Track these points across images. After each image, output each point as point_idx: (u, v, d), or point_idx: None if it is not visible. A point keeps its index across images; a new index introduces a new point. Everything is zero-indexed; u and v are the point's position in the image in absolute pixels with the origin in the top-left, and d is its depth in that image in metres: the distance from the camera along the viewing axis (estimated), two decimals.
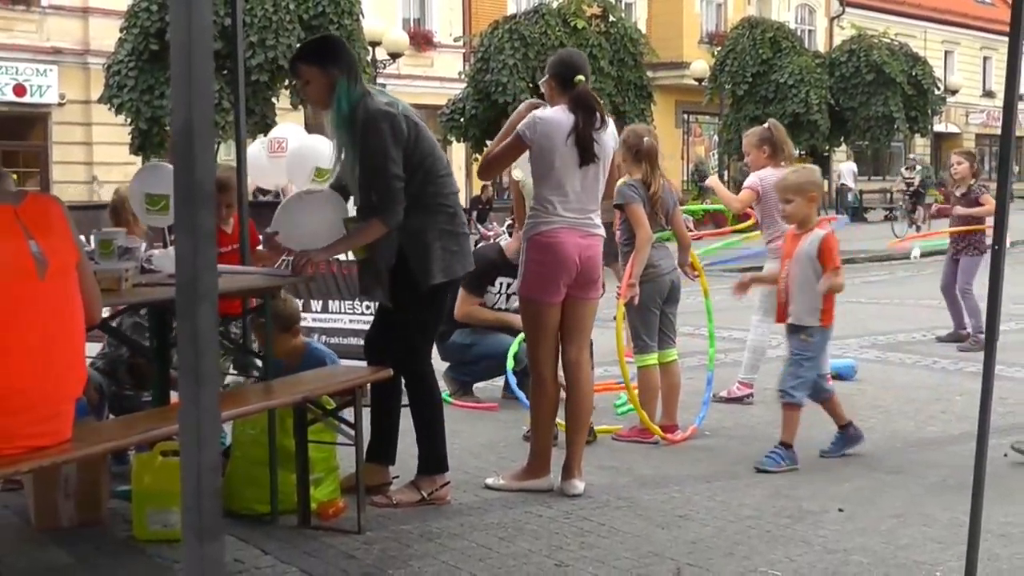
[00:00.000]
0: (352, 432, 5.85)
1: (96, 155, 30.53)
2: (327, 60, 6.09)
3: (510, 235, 11.19)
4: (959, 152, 12.80)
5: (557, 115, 6.43)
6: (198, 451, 2.21)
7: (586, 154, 6.37)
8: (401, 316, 6.31)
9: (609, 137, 6.59)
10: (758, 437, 8.06)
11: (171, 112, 2.28)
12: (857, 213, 44.09)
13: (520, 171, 7.79)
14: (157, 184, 6.41)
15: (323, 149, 9.48)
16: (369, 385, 6.35)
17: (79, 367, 4.47)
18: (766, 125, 9.44)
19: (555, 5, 25.47)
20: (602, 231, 6.63)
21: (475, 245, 29.71)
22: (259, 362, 6.50)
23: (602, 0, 26.14)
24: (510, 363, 8.82)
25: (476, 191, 34.92)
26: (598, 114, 6.44)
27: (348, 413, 5.96)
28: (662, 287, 8.04)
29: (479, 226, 30.65)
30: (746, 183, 9.42)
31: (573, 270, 6.45)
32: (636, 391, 8.00)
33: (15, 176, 29.03)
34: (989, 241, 12.01)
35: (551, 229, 6.41)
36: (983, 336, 11.55)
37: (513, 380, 8.80)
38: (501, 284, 9.14)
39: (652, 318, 8.04)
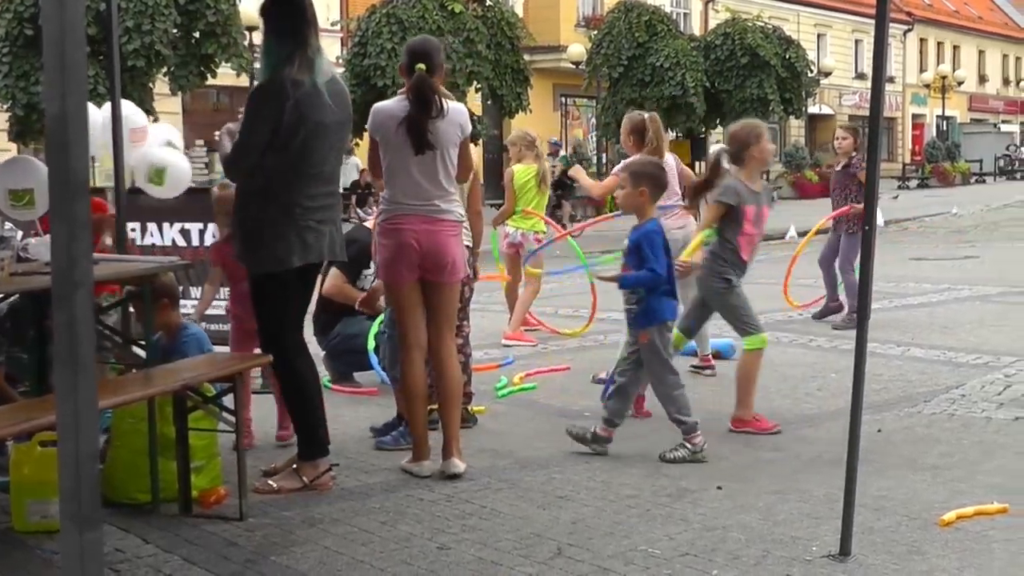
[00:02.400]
0: (233, 419, 5.83)
1: None
2: (262, 16, 6.30)
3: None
4: (844, 127, 13.03)
5: (392, 104, 6.60)
6: (76, 439, 2.20)
7: (419, 142, 6.44)
8: (255, 299, 6.35)
9: (448, 124, 6.57)
10: (638, 417, 8.15)
11: (44, 103, 2.27)
12: None
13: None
14: (19, 179, 6.31)
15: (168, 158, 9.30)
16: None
17: None
18: (642, 115, 9.59)
19: None
20: (452, 215, 6.67)
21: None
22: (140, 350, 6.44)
23: None
24: (370, 343, 8.84)
25: (355, 175, 34.75)
26: (435, 102, 6.46)
27: (229, 400, 5.94)
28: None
29: (358, 211, 30.54)
30: (614, 170, 9.64)
31: (413, 254, 6.57)
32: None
33: None
34: None
35: (390, 216, 6.60)
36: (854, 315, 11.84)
37: (374, 358, 8.81)
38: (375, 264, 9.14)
39: (745, 300, 8.01)
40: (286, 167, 6.08)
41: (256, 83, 6.14)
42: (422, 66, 6.47)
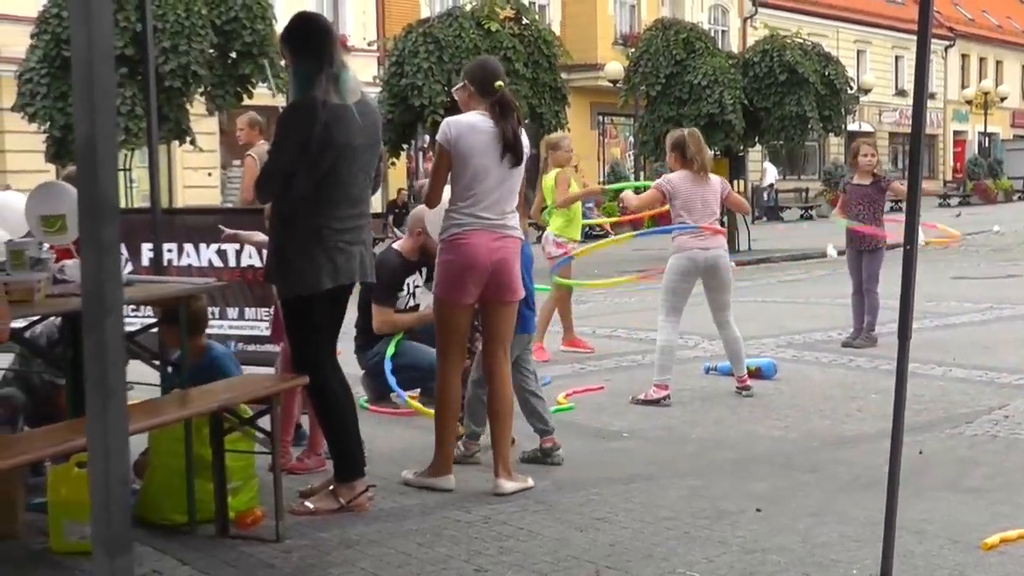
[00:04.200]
0: (269, 440, 5.83)
1: (9, 163, 30.05)
2: (286, 41, 6.29)
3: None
4: (866, 142, 12.79)
5: (472, 119, 6.57)
6: (106, 464, 2.19)
7: (515, 157, 6.53)
8: (287, 322, 6.35)
9: (525, 140, 6.69)
10: (675, 438, 8.14)
11: (74, 125, 2.26)
12: (774, 212, 44.59)
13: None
14: (51, 205, 6.32)
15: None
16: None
17: None
18: (683, 131, 9.63)
19: (468, 8, 25.40)
20: (518, 233, 6.71)
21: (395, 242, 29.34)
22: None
23: (515, 3, 26.10)
24: (390, 351, 8.83)
25: (392, 195, 34.86)
26: (519, 118, 6.63)
27: (265, 422, 5.94)
28: None
29: (396, 230, 30.61)
30: (653, 183, 9.69)
31: (484, 272, 6.56)
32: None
33: None
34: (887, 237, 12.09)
35: (463, 231, 6.54)
36: (874, 333, 11.74)
37: (392, 379, 8.82)
38: (408, 285, 9.13)
39: None
40: (315, 189, 6.07)
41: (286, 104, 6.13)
42: (501, 84, 6.56)
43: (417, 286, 9.19)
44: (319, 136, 5.97)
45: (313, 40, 6.16)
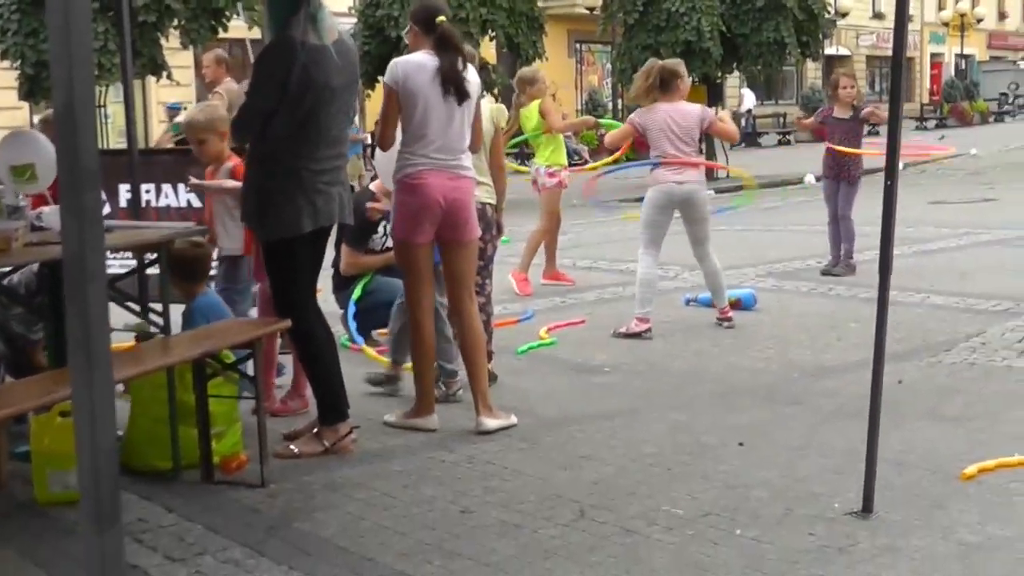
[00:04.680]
0: (252, 385, 5.84)
1: None
2: None
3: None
4: (846, 73, 12.76)
5: (419, 58, 6.55)
6: (91, 434, 2.19)
7: (458, 93, 6.48)
8: (268, 266, 6.32)
9: (473, 76, 6.66)
10: (657, 372, 8.17)
11: (52, 91, 2.24)
12: (751, 138, 44.50)
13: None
14: (19, 154, 6.25)
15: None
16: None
17: None
18: (652, 63, 9.62)
19: None
20: (471, 172, 6.73)
21: (371, 182, 29.12)
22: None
23: None
24: (356, 293, 8.85)
25: (369, 127, 34.63)
26: (463, 54, 6.55)
27: (249, 366, 5.94)
28: None
29: (372, 164, 30.48)
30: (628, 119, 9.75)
31: (438, 211, 6.58)
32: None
33: None
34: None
35: (416, 171, 6.55)
36: (853, 261, 11.82)
37: (353, 325, 8.85)
38: (384, 226, 9.10)
39: None
40: (294, 130, 6.02)
41: (264, 43, 6.05)
42: (443, 18, 6.51)
43: None
44: (298, 77, 5.91)
45: None
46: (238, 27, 23.01)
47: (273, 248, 6.20)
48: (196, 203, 9.39)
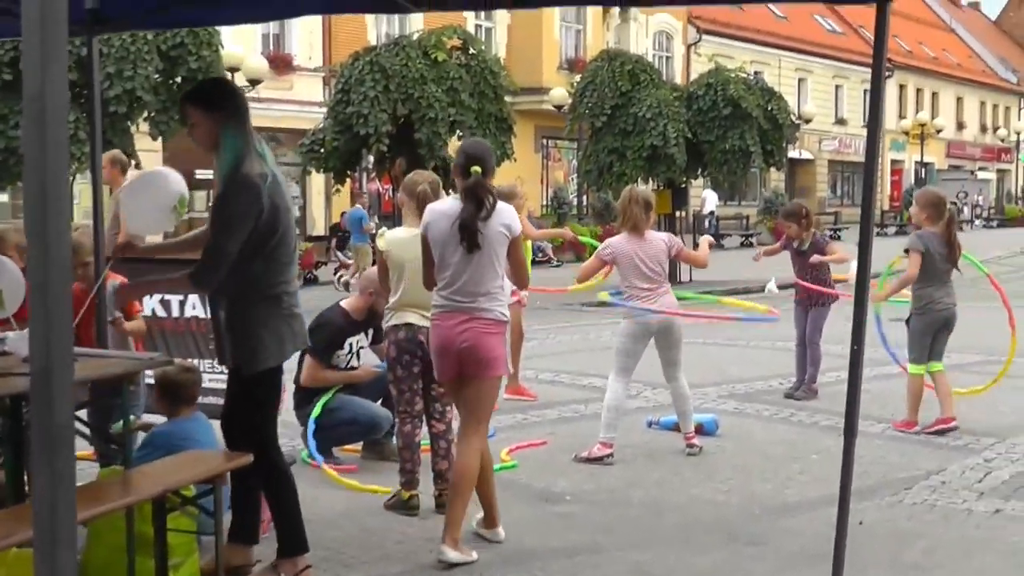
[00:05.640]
0: (212, 520, 5.78)
1: None
2: (214, 105, 6.01)
3: (347, 289, 11.06)
4: (786, 212, 12.86)
5: (445, 205, 6.96)
6: (53, 560, 2.17)
7: (471, 241, 6.70)
8: (238, 392, 6.25)
9: (496, 224, 6.80)
10: (619, 502, 8.14)
11: (24, 181, 2.24)
12: (714, 239, 44.69)
13: (384, 241, 7.82)
14: None
15: None
16: None
17: None
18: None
19: (415, 37, 25.38)
20: (493, 313, 6.84)
21: (335, 273, 29.10)
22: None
23: (462, 32, 26.18)
24: (315, 411, 8.83)
25: (335, 218, 34.75)
26: (487, 205, 6.73)
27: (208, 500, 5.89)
28: (937, 319, 10.38)
29: (338, 253, 30.61)
30: (595, 253, 9.78)
31: (451, 351, 6.80)
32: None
33: None
34: (840, 289, 12.26)
35: (435, 312, 6.91)
36: (815, 386, 11.89)
37: (313, 443, 8.84)
38: (350, 344, 9.10)
39: (926, 340, 10.36)
40: (268, 259, 6.01)
41: (226, 180, 5.92)
42: (478, 168, 6.77)
43: (362, 347, 9.17)
44: (268, 210, 5.92)
45: (242, 110, 6.07)
46: None
47: (256, 380, 6.15)
48: (161, 312, 9.37)
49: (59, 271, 2.13)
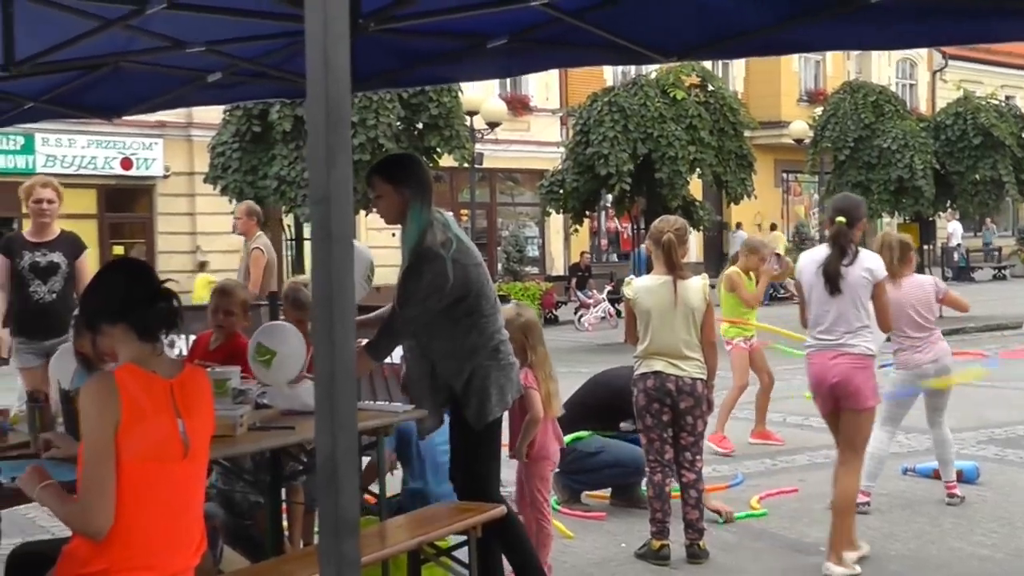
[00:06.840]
0: (466, 573, 5.79)
1: (199, 225, 30.96)
2: (401, 179, 6.08)
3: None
4: None
5: (816, 252, 7.71)
6: None
7: (830, 285, 7.34)
8: (462, 447, 6.26)
9: (859, 269, 7.34)
10: (876, 556, 7.86)
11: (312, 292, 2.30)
12: (964, 272, 43.29)
13: (631, 289, 7.81)
14: (271, 337, 6.27)
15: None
16: None
17: (200, 535, 4.41)
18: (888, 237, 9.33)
19: (653, 76, 25.40)
20: (858, 348, 7.38)
21: (575, 312, 29.08)
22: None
23: (700, 69, 26.05)
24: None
25: (575, 258, 34.90)
26: (848, 252, 7.34)
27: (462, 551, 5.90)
28: None
29: (579, 293, 30.66)
30: None
31: (823, 385, 7.46)
32: None
33: (121, 248, 29.51)
34: None
35: (807, 351, 7.62)
36: None
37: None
38: None
39: None
40: (478, 314, 6.07)
41: (411, 254, 5.96)
42: (843, 219, 7.40)
43: None
44: (457, 276, 5.95)
45: (427, 183, 6.16)
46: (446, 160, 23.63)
47: (482, 434, 6.17)
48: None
49: (345, 366, 2.15)
